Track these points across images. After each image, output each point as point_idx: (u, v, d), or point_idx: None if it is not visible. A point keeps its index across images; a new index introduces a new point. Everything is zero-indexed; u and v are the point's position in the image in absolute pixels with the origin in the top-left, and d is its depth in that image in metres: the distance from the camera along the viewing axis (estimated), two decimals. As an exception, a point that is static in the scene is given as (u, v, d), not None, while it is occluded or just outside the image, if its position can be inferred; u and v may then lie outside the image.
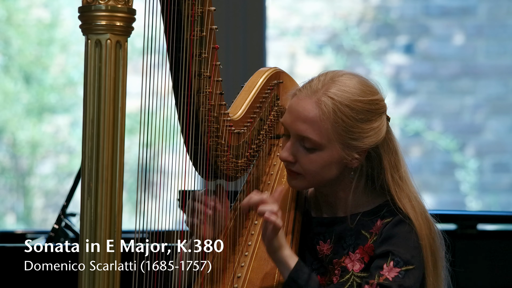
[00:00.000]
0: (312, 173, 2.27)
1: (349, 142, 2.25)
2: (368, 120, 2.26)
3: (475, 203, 5.82)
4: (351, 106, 2.24)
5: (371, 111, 2.26)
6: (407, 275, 2.20)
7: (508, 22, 5.77)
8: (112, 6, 1.91)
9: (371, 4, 5.82)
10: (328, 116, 2.23)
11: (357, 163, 2.28)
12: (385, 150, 2.29)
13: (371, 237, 2.28)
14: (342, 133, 2.24)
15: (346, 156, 2.25)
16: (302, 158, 2.27)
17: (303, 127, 2.24)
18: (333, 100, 2.23)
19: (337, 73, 2.29)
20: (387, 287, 2.19)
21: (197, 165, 2.30)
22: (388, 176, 2.29)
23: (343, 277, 2.26)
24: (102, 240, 1.93)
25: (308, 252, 2.35)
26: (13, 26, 5.95)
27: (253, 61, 5.22)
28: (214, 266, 2.32)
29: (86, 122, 1.92)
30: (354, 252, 2.28)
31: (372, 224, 2.29)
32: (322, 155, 2.25)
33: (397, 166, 2.30)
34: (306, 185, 2.33)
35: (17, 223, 6.06)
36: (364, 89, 2.27)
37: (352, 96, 2.24)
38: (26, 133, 5.97)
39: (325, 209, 2.38)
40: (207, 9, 2.20)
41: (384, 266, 2.21)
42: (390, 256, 2.22)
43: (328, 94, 2.24)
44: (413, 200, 2.28)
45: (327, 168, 2.27)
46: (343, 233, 2.31)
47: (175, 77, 2.21)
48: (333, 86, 2.25)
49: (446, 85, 5.76)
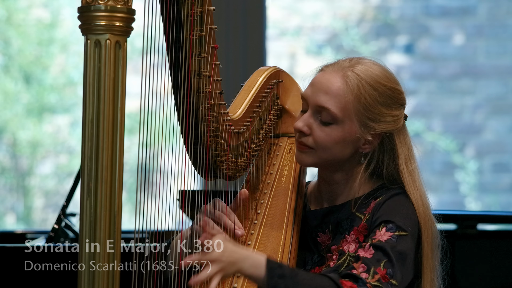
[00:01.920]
0: (324, 147, 2.27)
1: (366, 121, 2.26)
2: (388, 105, 2.28)
3: (475, 204, 5.82)
4: (375, 86, 2.26)
5: (392, 97, 2.29)
6: (399, 239, 2.18)
7: (508, 22, 5.77)
8: (111, 6, 1.91)
9: (371, 4, 5.82)
10: (352, 91, 2.25)
11: (369, 148, 2.29)
12: (400, 141, 2.31)
13: (364, 217, 2.28)
14: (361, 110, 2.25)
15: (360, 135, 2.26)
16: (316, 131, 2.27)
17: (325, 98, 2.26)
18: (358, 77, 2.26)
19: (364, 57, 2.34)
20: (380, 247, 2.16)
21: (197, 165, 2.30)
22: (403, 164, 2.29)
23: (340, 259, 2.25)
24: (102, 240, 1.93)
25: (308, 248, 2.35)
26: (13, 26, 5.95)
27: (253, 61, 5.22)
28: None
29: (85, 122, 1.92)
30: (349, 234, 2.27)
31: (366, 205, 2.29)
32: (337, 129, 2.26)
33: (411, 159, 2.31)
34: (315, 161, 2.31)
35: (17, 223, 6.06)
36: (388, 76, 2.31)
37: (377, 78, 2.28)
38: (26, 133, 5.97)
39: (325, 199, 2.37)
40: (207, 8, 2.20)
41: (377, 231, 2.20)
42: (383, 224, 2.21)
43: (354, 71, 2.27)
44: (423, 197, 2.29)
45: (339, 145, 2.27)
46: (339, 219, 2.31)
47: (175, 77, 2.21)
48: (360, 65, 2.29)
49: (446, 85, 5.76)
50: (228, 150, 2.34)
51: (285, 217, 2.38)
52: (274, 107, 2.51)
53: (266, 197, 2.45)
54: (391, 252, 2.16)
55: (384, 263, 2.15)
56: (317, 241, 2.34)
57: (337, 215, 2.32)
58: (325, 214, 2.35)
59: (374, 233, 2.20)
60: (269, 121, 2.49)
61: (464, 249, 3.82)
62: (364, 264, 2.15)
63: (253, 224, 2.40)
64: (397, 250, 2.17)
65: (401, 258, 2.17)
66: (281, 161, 2.53)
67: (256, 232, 2.37)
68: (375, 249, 2.16)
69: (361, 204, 2.30)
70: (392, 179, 2.31)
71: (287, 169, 2.50)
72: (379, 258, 2.15)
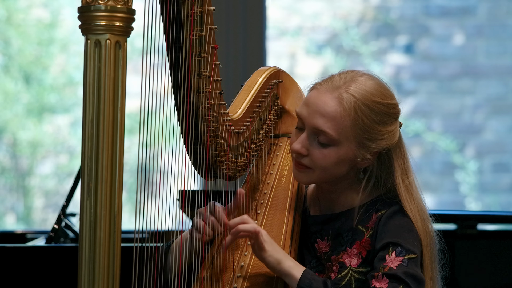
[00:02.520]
0: (322, 168, 2.27)
1: (364, 142, 2.25)
2: (384, 122, 2.27)
3: (475, 204, 5.82)
4: (371, 106, 2.25)
5: (388, 114, 2.27)
6: (410, 263, 2.20)
7: (508, 22, 5.77)
8: (111, 6, 1.90)
9: (371, 4, 5.81)
10: (349, 113, 2.23)
11: (367, 164, 2.29)
12: (397, 155, 2.30)
13: (367, 231, 2.28)
14: (359, 132, 2.24)
15: (358, 156, 2.26)
16: (314, 152, 2.27)
17: (322, 121, 2.25)
18: (354, 98, 2.24)
19: (357, 73, 2.30)
20: (393, 275, 2.18)
21: (197, 165, 2.30)
22: (399, 180, 2.29)
23: (341, 273, 2.27)
24: (102, 240, 1.93)
25: (307, 251, 2.35)
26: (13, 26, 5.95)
27: (253, 61, 5.22)
28: (214, 266, 2.32)
29: (85, 122, 1.92)
30: (351, 248, 2.28)
31: (368, 218, 2.29)
32: (335, 151, 2.26)
33: (407, 172, 2.31)
34: (313, 180, 2.32)
35: (17, 223, 6.05)
36: (383, 92, 2.28)
37: (372, 97, 2.25)
38: (26, 133, 5.96)
39: (323, 206, 2.38)
40: (207, 8, 2.20)
41: (387, 257, 2.21)
42: (391, 247, 2.22)
43: (349, 91, 2.25)
44: (420, 210, 2.29)
45: (338, 165, 2.27)
46: (340, 229, 2.31)
47: (175, 77, 2.21)
48: (354, 84, 2.26)
49: (446, 85, 5.76)
50: (228, 150, 2.34)
51: (285, 218, 2.38)
52: (274, 107, 2.51)
53: (266, 197, 2.45)
54: (405, 278, 2.18)
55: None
56: (315, 247, 2.34)
57: (337, 224, 2.32)
58: (325, 221, 2.35)
59: (384, 259, 2.21)
60: (269, 121, 2.49)
61: (464, 249, 3.82)
62: None
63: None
64: (410, 274, 2.19)
65: (415, 281, 2.19)
66: (281, 161, 2.53)
67: (256, 232, 2.37)
68: (389, 277, 2.18)
69: (362, 217, 2.30)
70: (390, 193, 2.31)
71: (287, 169, 2.50)
72: (395, 285, 2.17)
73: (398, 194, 2.29)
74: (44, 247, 3.61)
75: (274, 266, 2.21)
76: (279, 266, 2.20)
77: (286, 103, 2.55)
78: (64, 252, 3.39)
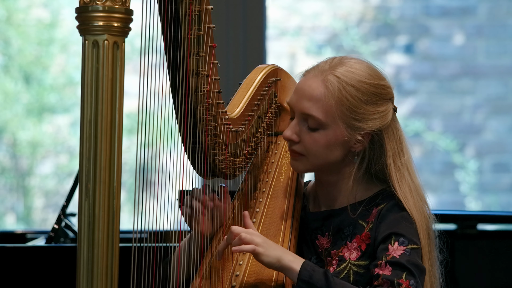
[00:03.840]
0: (315, 153, 2.27)
1: (352, 122, 2.25)
2: (373, 102, 2.27)
3: (475, 203, 5.82)
4: (357, 86, 2.25)
5: (377, 94, 2.27)
6: (413, 253, 2.20)
7: (508, 22, 5.77)
8: (109, 7, 1.90)
9: (371, 4, 5.81)
10: (333, 94, 2.24)
11: (360, 147, 2.29)
12: (389, 136, 2.30)
13: (367, 225, 2.28)
14: (346, 112, 2.24)
15: (349, 137, 2.26)
16: (305, 138, 2.27)
17: (308, 104, 2.25)
18: (338, 79, 2.25)
19: (346, 57, 2.31)
20: (396, 262, 2.18)
21: (195, 164, 2.30)
22: (390, 161, 2.29)
23: (340, 266, 2.27)
24: (100, 241, 1.93)
25: (306, 248, 2.35)
26: (13, 26, 5.95)
27: (253, 61, 5.21)
28: (212, 264, 2.32)
29: (83, 123, 1.92)
30: (351, 242, 2.28)
31: (368, 213, 2.29)
32: (325, 134, 2.26)
33: (400, 153, 2.30)
34: (308, 167, 2.32)
35: (17, 223, 6.05)
36: (371, 73, 2.28)
37: (358, 77, 2.26)
38: (26, 133, 5.96)
39: (323, 202, 2.38)
40: (205, 7, 2.21)
41: (389, 246, 2.21)
42: (393, 237, 2.22)
43: (334, 74, 2.26)
44: (413, 191, 2.28)
45: (330, 149, 2.27)
46: (341, 225, 2.31)
47: (173, 76, 2.21)
48: (340, 67, 2.27)
49: (446, 85, 5.76)
50: (226, 149, 2.34)
51: (283, 216, 2.38)
52: (273, 105, 2.51)
53: (264, 195, 2.45)
54: (408, 265, 2.18)
55: (405, 275, 2.17)
56: (315, 243, 2.34)
57: (337, 220, 2.32)
58: (325, 217, 2.35)
59: (387, 249, 2.21)
60: (268, 119, 2.49)
61: (464, 249, 3.82)
62: (386, 280, 2.16)
63: (252, 222, 2.40)
64: (413, 262, 2.19)
65: (418, 270, 2.19)
66: (280, 159, 2.53)
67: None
68: (392, 265, 2.18)
69: (363, 211, 2.30)
70: (383, 176, 2.31)
71: (285, 167, 2.50)
72: (399, 273, 2.17)
73: (389, 175, 2.29)
74: (44, 247, 3.61)
75: (274, 265, 2.20)
76: (279, 264, 2.20)
77: (284, 101, 2.55)
78: (64, 252, 3.40)
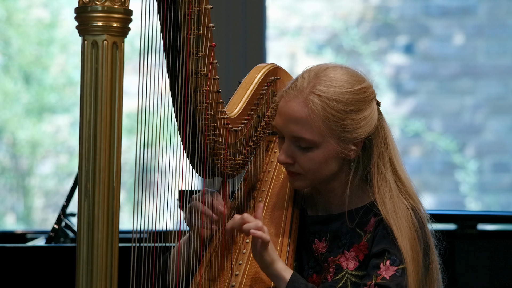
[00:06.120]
0: (312, 171, 2.27)
1: (343, 135, 2.25)
2: (358, 110, 2.26)
3: (475, 203, 5.82)
4: (340, 99, 2.24)
5: (360, 100, 2.26)
6: (403, 273, 2.20)
7: (508, 22, 5.77)
8: (108, 7, 1.90)
9: (371, 4, 5.81)
10: (318, 114, 2.23)
11: (355, 154, 2.28)
12: (376, 138, 2.29)
13: (365, 235, 2.28)
14: (334, 127, 2.24)
15: (342, 150, 2.26)
16: (300, 158, 2.27)
17: (296, 128, 2.25)
18: (320, 97, 2.23)
19: (320, 67, 2.29)
20: (385, 286, 2.19)
21: (195, 163, 2.30)
22: (374, 166, 2.29)
23: (338, 275, 2.27)
24: (100, 241, 1.93)
25: (304, 251, 2.35)
26: (13, 26, 5.95)
27: (253, 61, 5.21)
28: (212, 264, 2.32)
29: (83, 123, 1.92)
30: (349, 251, 2.28)
31: (366, 222, 2.29)
32: (319, 152, 2.26)
33: (384, 153, 2.30)
34: (309, 183, 2.33)
35: (17, 223, 6.06)
36: (350, 80, 2.26)
37: (338, 89, 2.24)
38: (26, 133, 5.97)
39: (320, 207, 2.38)
40: (204, 7, 2.20)
41: (381, 265, 2.21)
42: (386, 255, 2.22)
43: (314, 92, 2.24)
44: (394, 191, 2.27)
45: (326, 164, 2.27)
46: (338, 232, 2.31)
47: (172, 76, 2.21)
48: (318, 82, 2.25)
49: (446, 85, 5.76)
50: (226, 148, 2.34)
51: (283, 216, 2.37)
52: (272, 104, 2.51)
53: (264, 195, 2.45)
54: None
55: None
56: (312, 247, 2.34)
57: (335, 225, 2.32)
58: (323, 222, 2.35)
59: (378, 267, 2.21)
60: (267, 119, 2.49)
61: (464, 249, 3.82)
62: None
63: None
64: (402, 286, 2.19)
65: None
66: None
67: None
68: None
69: (361, 220, 2.30)
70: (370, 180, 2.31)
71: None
72: None
73: (370, 180, 2.29)
74: (44, 247, 3.61)
75: (267, 265, 2.20)
76: (271, 266, 2.20)
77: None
78: (64, 252, 3.39)
